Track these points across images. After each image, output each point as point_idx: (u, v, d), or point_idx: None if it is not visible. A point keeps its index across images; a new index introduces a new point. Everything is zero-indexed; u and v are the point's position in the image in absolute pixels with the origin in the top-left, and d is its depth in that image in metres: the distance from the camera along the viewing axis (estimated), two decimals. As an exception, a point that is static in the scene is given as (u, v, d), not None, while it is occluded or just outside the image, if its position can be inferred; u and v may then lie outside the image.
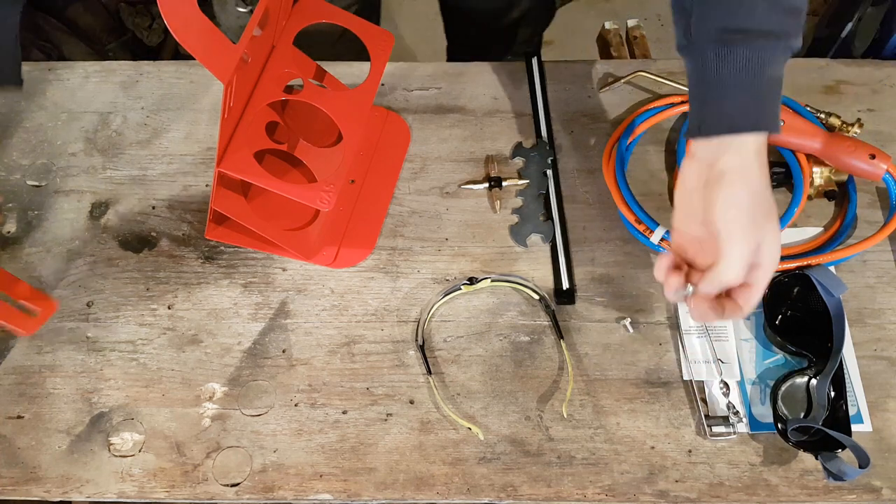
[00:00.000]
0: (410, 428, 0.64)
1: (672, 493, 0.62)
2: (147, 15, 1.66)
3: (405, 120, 0.77)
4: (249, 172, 0.58)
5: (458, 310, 0.68)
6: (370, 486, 0.62)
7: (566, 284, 0.69)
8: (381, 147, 0.75)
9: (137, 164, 0.75)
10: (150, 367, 0.66)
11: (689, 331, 0.66)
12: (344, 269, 0.70)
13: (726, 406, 0.64)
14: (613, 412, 0.64)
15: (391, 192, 0.73)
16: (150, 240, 0.71)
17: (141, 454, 0.63)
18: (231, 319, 0.68)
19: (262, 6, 0.54)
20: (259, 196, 0.69)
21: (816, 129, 0.69)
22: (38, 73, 0.80)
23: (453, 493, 0.62)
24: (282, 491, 0.62)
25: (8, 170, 0.75)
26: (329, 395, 0.65)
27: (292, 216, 0.70)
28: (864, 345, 0.66)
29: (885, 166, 0.67)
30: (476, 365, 0.66)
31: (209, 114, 0.78)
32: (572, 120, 0.77)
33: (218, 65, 0.50)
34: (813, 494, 0.61)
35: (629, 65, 0.82)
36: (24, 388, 0.65)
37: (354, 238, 0.71)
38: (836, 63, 0.80)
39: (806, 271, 0.66)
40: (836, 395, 0.62)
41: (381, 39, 0.66)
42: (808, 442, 0.61)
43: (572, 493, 0.62)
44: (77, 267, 0.70)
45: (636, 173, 0.74)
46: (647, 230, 0.68)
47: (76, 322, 0.68)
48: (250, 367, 0.66)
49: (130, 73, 0.80)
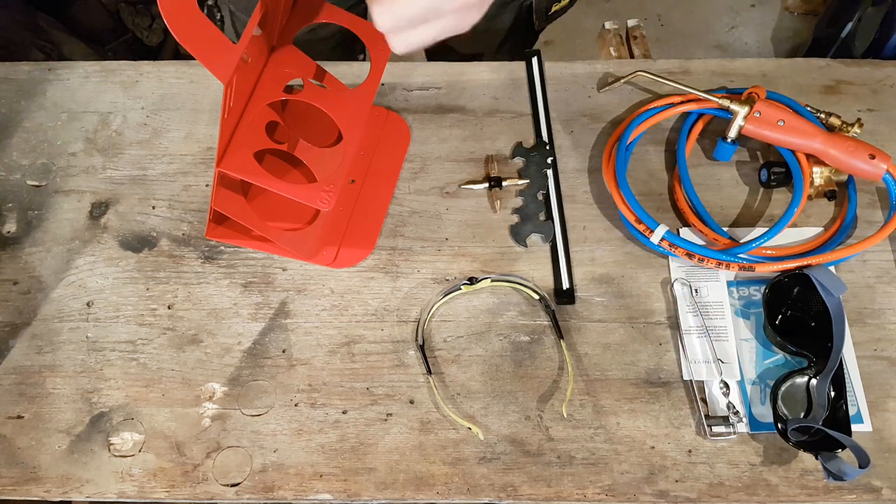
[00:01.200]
0: (410, 428, 0.64)
1: (672, 493, 0.62)
2: (147, 15, 1.67)
3: (405, 120, 0.77)
4: (249, 172, 0.58)
5: (458, 310, 0.68)
6: (370, 486, 0.62)
7: (566, 284, 0.69)
8: (381, 147, 0.75)
9: (137, 164, 0.75)
10: (150, 367, 0.66)
11: (689, 331, 0.66)
12: (344, 269, 0.70)
13: (726, 406, 0.64)
14: (613, 412, 0.64)
15: (391, 192, 0.73)
16: (150, 240, 0.72)
17: (141, 454, 0.63)
18: (231, 319, 0.68)
19: (262, 6, 0.54)
20: (259, 196, 0.69)
21: (816, 129, 0.69)
22: (38, 73, 0.80)
23: (453, 493, 0.62)
24: (282, 491, 0.62)
25: (8, 170, 0.75)
26: (329, 395, 0.65)
27: (292, 216, 0.70)
28: (864, 345, 0.66)
29: (885, 166, 0.67)
30: (476, 365, 0.66)
31: (209, 114, 0.78)
32: (572, 120, 0.77)
33: (218, 65, 0.50)
34: (813, 494, 0.61)
35: (629, 65, 0.82)
36: (24, 388, 0.66)
37: (354, 238, 0.71)
38: (836, 63, 0.80)
39: (806, 271, 0.66)
40: (836, 395, 0.62)
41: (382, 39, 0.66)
42: (808, 442, 0.61)
43: (572, 493, 0.62)
44: (77, 267, 0.70)
45: (636, 173, 0.74)
46: (647, 230, 0.68)
47: (76, 322, 0.68)
48: (250, 367, 0.66)
49: (130, 73, 0.80)
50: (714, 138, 0.75)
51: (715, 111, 0.74)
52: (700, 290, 0.68)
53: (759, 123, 0.69)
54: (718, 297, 0.68)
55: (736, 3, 1.96)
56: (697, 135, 0.74)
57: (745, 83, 0.77)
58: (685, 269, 0.69)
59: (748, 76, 0.79)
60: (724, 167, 0.74)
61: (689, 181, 0.71)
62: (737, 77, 0.79)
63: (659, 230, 0.67)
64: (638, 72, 0.77)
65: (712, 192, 0.73)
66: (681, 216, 0.71)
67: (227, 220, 0.69)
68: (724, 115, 0.73)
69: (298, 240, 0.69)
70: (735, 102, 0.70)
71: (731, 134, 0.71)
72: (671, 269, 0.69)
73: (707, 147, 0.75)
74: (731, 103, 0.70)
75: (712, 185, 0.73)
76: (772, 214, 0.72)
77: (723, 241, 0.68)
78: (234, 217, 0.63)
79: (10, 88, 0.79)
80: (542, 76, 0.79)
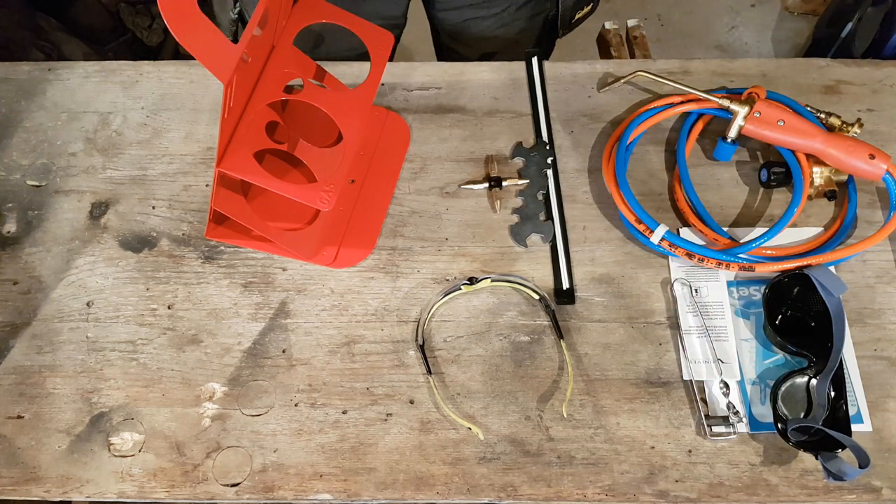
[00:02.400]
0: (410, 428, 0.64)
1: (672, 493, 0.62)
2: (147, 15, 1.66)
3: (405, 120, 0.77)
4: (249, 172, 0.58)
5: (458, 310, 0.68)
6: (370, 485, 0.62)
7: (566, 284, 0.69)
8: (381, 147, 0.75)
9: (137, 164, 0.75)
10: (150, 367, 0.66)
11: (689, 331, 0.66)
12: (344, 269, 0.70)
13: (726, 406, 0.64)
14: (613, 412, 0.64)
15: (391, 192, 0.73)
16: (150, 240, 0.72)
17: (141, 454, 0.63)
18: (231, 319, 0.68)
19: (262, 6, 0.54)
20: (259, 196, 0.69)
21: (816, 129, 0.69)
22: (38, 73, 0.80)
23: (453, 493, 0.62)
24: (282, 491, 0.62)
25: (8, 170, 0.75)
26: (329, 395, 0.65)
27: (292, 216, 0.70)
28: (864, 345, 0.66)
29: (885, 166, 0.67)
30: (476, 365, 0.66)
31: (209, 114, 0.78)
32: (572, 120, 0.77)
33: (218, 65, 0.50)
34: (813, 494, 0.61)
35: (629, 65, 0.82)
36: (24, 388, 0.66)
37: (354, 238, 0.71)
38: (836, 63, 0.80)
39: (806, 271, 0.66)
40: (836, 395, 0.62)
41: (381, 39, 0.66)
42: (808, 442, 0.61)
43: (572, 493, 0.62)
44: (77, 267, 0.70)
45: (636, 173, 0.74)
46: (647, 230, 0.68)
47: (76, 322, 0.68)
48: (250, 367, 0.66)
49: (130, 73, 0.80)
50: (714, 138, 0.75)
51: (715, 111, 0.74)
52: (700, 290, 0.68)
53: (759, 123, 0.69)
54: (718, 297, 0.68)
55: (736, 3, 1.96)
56: (697, 135, 0.74)
57: (745, 83, 0.77)
58: (685, 269, 0.69)
59: (748, 76, 0.79)
60: (724, 167, 0.74)
61: (689, 181, 0.71)
62: (737, 77, 0.79)
63: (659, 230, 0.67)
64: (638, 72, 0.77)
65: (712, 192, 0.73)
66: (681, 216, 0.71)
67: (227, 220, 0.69)
68: (724, 115, 0.73)
69: (298, 240, 0.69)
70: (735, 102, 0.70)
71: (731, 134, 0.71)
72: (671, 269, 0.69)
73: (707, 147, 0.75)
74: (731, 103, 0.70)
75: (712, 185, 0.73)
76: (772, 214, 0.72)
77: (723, 241, 0.68)
78: (234, 217, 0.63)
79: (10, 88, 0.79)
80: (542, 76, 0.79)
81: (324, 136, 0.71)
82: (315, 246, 0.70)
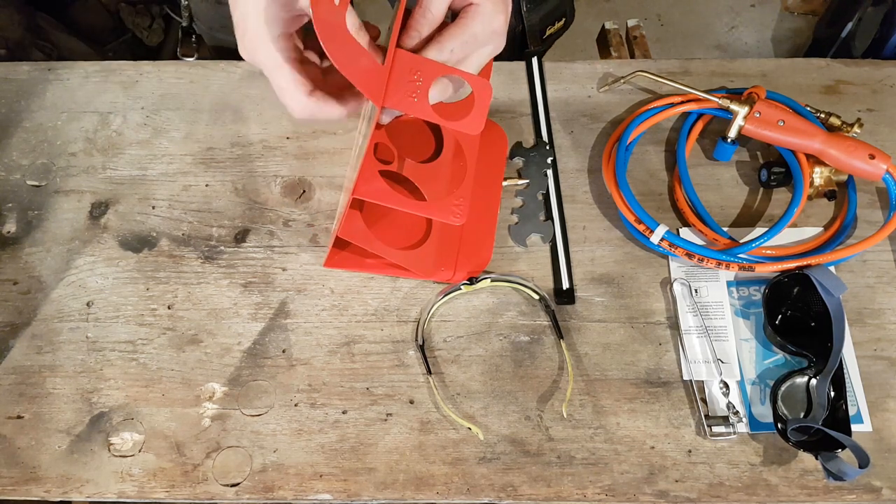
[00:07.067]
0: (410, 428, 0.64)
1: (672, 493, 0.62)
2: (147, 15, 1.66)
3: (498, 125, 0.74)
4: (384, 196, 0.56)
5: (458, 310, 0.68)
6: (370, 486, 0.62)
7: (566, 284, 0.69)
8: (483, 154, 0.71)
9: (137, 164, 0.75)
10: (150, 367, 0.66)
11: (688, 331, 0.66)
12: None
13: (726, 406, 0.64)
14: (613, 412, 0.64)
15: (498, 197, 0.72)
16: (149, 240, 0.72)
17: (141, 454, 0.63)
18: (231, 319, 0.68)
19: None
20: (374, 220, 0.66)
21: (816, 129, 0.69)
22: (38, 73, 0.80)
23: (453, 493, 0.62)
24: (282, 491, 0.62)
25: (8, 170, 0.75)
26: (329, 395, 0.65)
27: (403, 236, 0.68)
28: (864, 345, 0.66)
29: (884, 166, 0.67)
30: (476, 365, 0.66)
31: (209, 114, 0.78)
32: (572, 120, 0.77)
33: (371, 87, 0.49)
34: (813, 494, 0.61)
35: (629, 65, 0.82)
36: (24, 388, 0.66)
37: (470, 248, 0.69)
38: (836, 63, 0.80)
39: (806, 271, 0.66)
40: (836, 395, 0.62)
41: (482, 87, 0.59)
42: (808, 442, 0.61)
43: (572, 493, 0.62)
44: (77, 267, 0.70)
45: (636, 173, 0.74)
46: (647, 230, 0.68)
47: (76, 322, 0.68)
48: (250, 367, 0.66)
49: (130, 73, 0.80)
50: (714, 138, 0.75)
51: (715, 111, 0.74)
52: (700, 290, 0.68)
53: (759, 123, 0.69)
54: (718, 297, 0.68)
55: (736, 3, 1.96)
56: (697, 135, 0.74)
57: (745, 83, 0.77)
58: (685, 269, 0.69)
59: (748, 76, 0.79)
60: (724, 167, 0.74)
61: (689, 181, 0.71)
62: (737, 77, 0.79)
63: (659, 230, 0.67)
64: (638, 72, 0.77)
65: (712, 192, 0.73)
66: (681, 216, 0.71)
67: (346, 247, 0.67)
68: (724, 115, 0.73)
69: (419, 259, 0.67)
70: (735, 102, 0.70)
71: (731, 134, 0.71)
72: (671, 269, 0.69)
73: (707, 147, 0.75)
74: (731, 103, 0.70)
75: (712, 185, 0.73)
76: (772, 214, 0.72)
77: (723, 241, 0.68)
78: (360, 244, 0.61)
79: (10, 88, 0.79)
80: (541, 76, 0.79)
81: (420, 150, 0.67)
82: (431, 262, 0.68)
